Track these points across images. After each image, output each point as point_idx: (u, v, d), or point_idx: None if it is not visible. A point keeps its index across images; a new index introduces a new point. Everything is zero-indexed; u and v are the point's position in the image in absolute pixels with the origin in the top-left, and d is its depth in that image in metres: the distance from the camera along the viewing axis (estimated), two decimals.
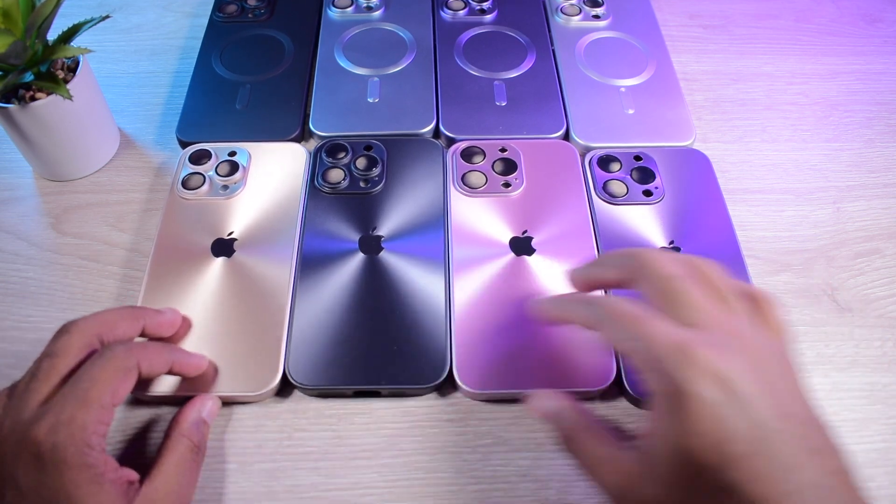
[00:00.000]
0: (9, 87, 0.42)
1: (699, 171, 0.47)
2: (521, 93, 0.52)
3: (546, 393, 0.33)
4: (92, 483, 0.29)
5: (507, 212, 0.44)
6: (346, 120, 0.50)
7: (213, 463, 0.36)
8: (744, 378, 0.26)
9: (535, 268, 0.42)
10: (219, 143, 0.48)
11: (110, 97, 0.50)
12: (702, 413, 0.25)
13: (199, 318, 0.39)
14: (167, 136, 0.51)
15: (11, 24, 0.40)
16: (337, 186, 0.45)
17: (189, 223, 0.43)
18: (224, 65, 0.54)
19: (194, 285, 0.41)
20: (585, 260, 0.34)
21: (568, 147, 0.48)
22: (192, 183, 0.45)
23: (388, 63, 0.54)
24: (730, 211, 0.45)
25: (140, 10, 0.61)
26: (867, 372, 0.40)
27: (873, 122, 0.53)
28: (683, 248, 0.43)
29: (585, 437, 0.30)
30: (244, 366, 0.38)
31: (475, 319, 0.39)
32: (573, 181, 0.46)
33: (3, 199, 0.47)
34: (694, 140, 0.49)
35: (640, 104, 0.51)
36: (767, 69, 0.57)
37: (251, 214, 0.44)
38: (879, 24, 0.61)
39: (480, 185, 0.45)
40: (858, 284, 0.44)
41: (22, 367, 0.39)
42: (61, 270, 0.44)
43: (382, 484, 0.36)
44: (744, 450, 0.25)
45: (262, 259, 0.42)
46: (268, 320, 0.39)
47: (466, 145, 0.47)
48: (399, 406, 0.38)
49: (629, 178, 0.46)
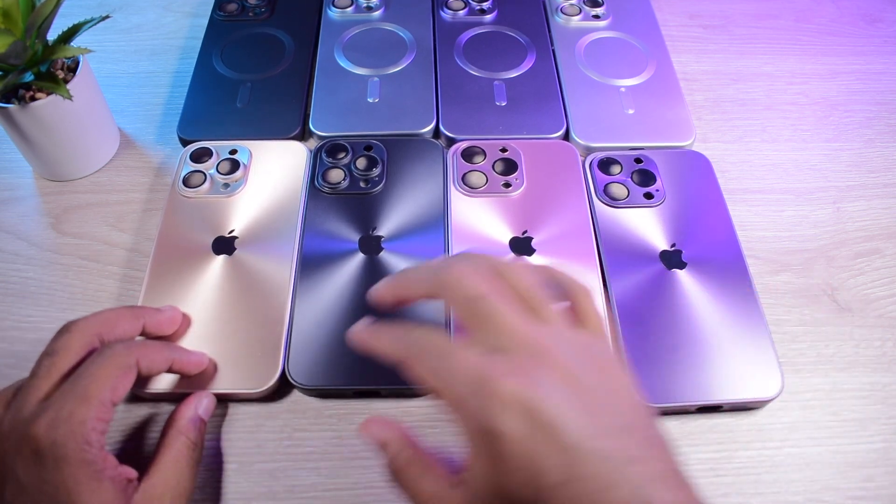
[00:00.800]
0: (9, 87, 0.42)
1: (700, 173, 0.47)
2: (521, 93, 0.52)
3: (378, 419, 0.30)
4: (91, 479, 0.29)
5: (507, 212, 0.44)
6: (346, 120, 0.50)
7: (212, 463, 0.36)
8: (552, 402, 0.24)
9: None
10: (220, 142, 0.48)
11: (110, 97, 0.50)
12: (510, 450, 0.24)
13: (199, 315, 0.39)
14: (167, 136, 0.51)
15: (11, 24, 0.40)
16: (337, 187, 0.45)
17: (190, 221, 0.43)
18: (225, 63, 0.54)
19: (195, 282, 0.41)
20: (424, 271, 0.31)
21: (568, 147, 0.48)
22: (193, 181, 0.45)
23: (387, 63, 0.54)
24: (730, 211, 0.45)
25: (140, 10, 0.61)
26: (867, 372, 0.40)
27: (873, 122, 0.53)
28: (685, 250, 0.43)
29: (415, 470, 0.28)
30: (244, 363, 0.38)
31: None
32: (574, 182, 0.46)
33: (3, 199, 0.47)
34: (694, 140, 0.49)
35: (640, 104, 0.51)
36: (767, 69, 0.57)
37: (252, 213, 0.44)
38: (879, 24, 0.61)
39: (481, 185, 0.45)
40: (858, 284, 0.44)
41: (22, 366, 0.39)
42: (61, 270, 0.44)
43: (382, 484, 0.35)
44: (556, 479, 0.24)
45: (263, 257, 0.42)
46: (268, 318, 0.39)
47: (467, 145, 0.47)
48: (399, 406, 0.38)
49: (630, 181, 0.46)
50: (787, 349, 0.41)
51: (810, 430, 0.38)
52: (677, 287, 0.41)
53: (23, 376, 0.39)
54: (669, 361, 0.38)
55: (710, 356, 0.38)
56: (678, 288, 0.41)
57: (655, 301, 0.40)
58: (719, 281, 0.41)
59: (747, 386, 0.37)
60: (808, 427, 0.38)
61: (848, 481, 0.36)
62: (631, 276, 0.41)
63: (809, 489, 0.36)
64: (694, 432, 0.37)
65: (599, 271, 0.42)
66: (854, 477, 0.36)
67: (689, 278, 0.41)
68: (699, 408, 0.37)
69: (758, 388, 0.37)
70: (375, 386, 0.37)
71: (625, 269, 0.42)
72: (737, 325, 0.39)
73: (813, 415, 0.38)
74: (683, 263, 0.42)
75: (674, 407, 0.37)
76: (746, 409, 0.38)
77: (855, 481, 0.36)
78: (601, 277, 0.42)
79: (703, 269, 0.42)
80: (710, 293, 0.41)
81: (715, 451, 0.37)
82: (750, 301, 0.41)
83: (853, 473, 0.36)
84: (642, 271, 0.42)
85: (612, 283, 0.41)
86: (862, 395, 0.39)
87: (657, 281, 0.41)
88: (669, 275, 0.41)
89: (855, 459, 0.37)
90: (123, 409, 0.38)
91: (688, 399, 0.37)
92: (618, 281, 0.41)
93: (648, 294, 0.41)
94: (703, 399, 0.37)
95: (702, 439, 0.37)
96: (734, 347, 0.39)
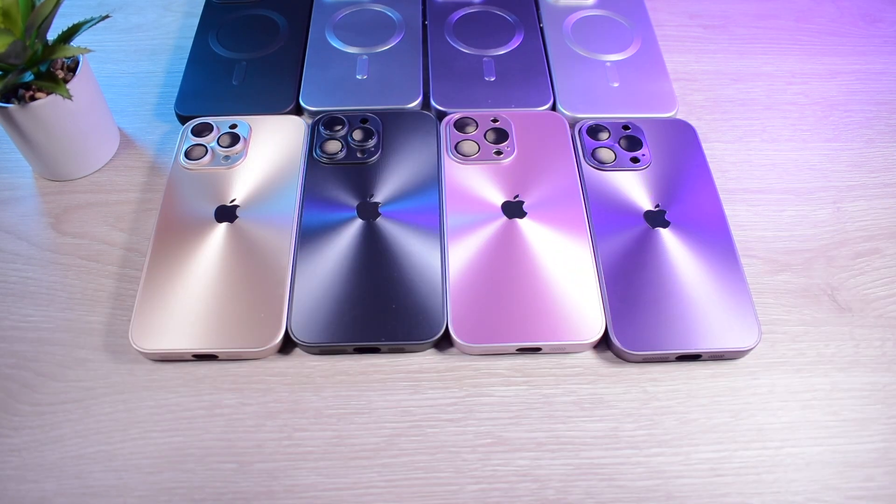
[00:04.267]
0: (9, 87, 0.42)
1: (686, 139, 0.49)
2: (509, 69, 0.54)
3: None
4: None
5: (499, 178, 0.46)
6: (335, 96, 0.51)
7: (212, 463, 0.36)
8: None
9: (527, 230, 0.43)
10: (220, 117, 0.49)
11: (110, 97, 0.50)
12: None
13: (203, 279, 0.41)
14: (168, 136, 0.51)
15: (11, 24, 0.40)
16: (335, 157, 0.47)
17: (192, 191, 0.45)
18: (221, 44, 0.55)
19: (199, 249, 0.42)
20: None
21: (557, 117, 0.50)
22: (195, 154, 0.46)
23: (377, 42, 0.55)
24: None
25: (140, 10, 0.61)
26: (867, 372, 0.40)
27: (873, 122, 0.53)
28: (668, 210, 0.44)
29: None
30: (248, 324, 0.39)
31: (469, 278, 0.41)
32: (563, 149, 0.48)
33: (3, 199, 0.47)
34: (677, 111, 0.51)
35: (625, 78, 0.53)
36: (767, 69, 0.57)
37: (252, 183, 0.45)
38: (879, 24, 0.61)
39: (473, 153, 0.47)
40: (858, 284, 0.44)
41: (22, 366, 0.39)
42: (61, 270, 0.44)
43: (382, 484, 0.36)
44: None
45: (264, 224, 0.43)
46: (270, 281, 0.41)
47: (460, 116, 0.49)
48: (399, 406, 0.38)
49: (617, 146, 0.48)
50: (787, 349, 0.41)
51: (810, 430, 0.38)
52: (660, 244, 0.43)
53: (23, 376, 0.39)
54: (651, 313, 0.40)
55: (690, 308, 0.40)
56: (661, 245, 0.43)
57: (639, 257, 0.42)
58: (701, 239, 0.43)
59: (725, 337, 0.39)
60: (808, 427, 0.38)
61: (848, 481, 0.36)
62: (616, 235, 0.43)
63: (809, 489, 0.36)
64: (694, 432, 0.37)
65: (588, 229, 0.43)
66: (854, 477, 0.36)
67: (672, 236, 0.43)
68: (679, 356, 0.39)
69: (735, 339, 0.39)
70: (375, 342, 0.39)
71: (611, 227, 0.44)
72: (717, 280, 0.41)
73: (813, 415, 0.38)
74: (667, 222, 0.44)
75: (654, 355, 0.39)
76: (724, 360, 0.40)
77: (855, 481, 0.36)
78: (589, 235, 0.43)
79: (685, 228, 0.44)
80: (691, 250, 0.43)
81: (715, 451, 0.37)
82: (731, 258, 0.42)
83: (853, 473, 0.36)
84: (627, 230, 0.44)
85: (597, 241, 0.43)
86: (862, 395, 0.39)
87: (641, 239, 0.43)
88: (653, 233, 0.43)
89: (855, 459, 0.37)
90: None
91: (668, 347, 0.39)
92: (604, 238, 0.43)
93: (632, 251, 0.43)
94: (683, 347, 0.39)
95: (702, 439, 0.37)
96: (714, 301, 0.40)
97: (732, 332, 0.39)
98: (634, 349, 0.39)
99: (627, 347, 0.39)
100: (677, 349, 0.39)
